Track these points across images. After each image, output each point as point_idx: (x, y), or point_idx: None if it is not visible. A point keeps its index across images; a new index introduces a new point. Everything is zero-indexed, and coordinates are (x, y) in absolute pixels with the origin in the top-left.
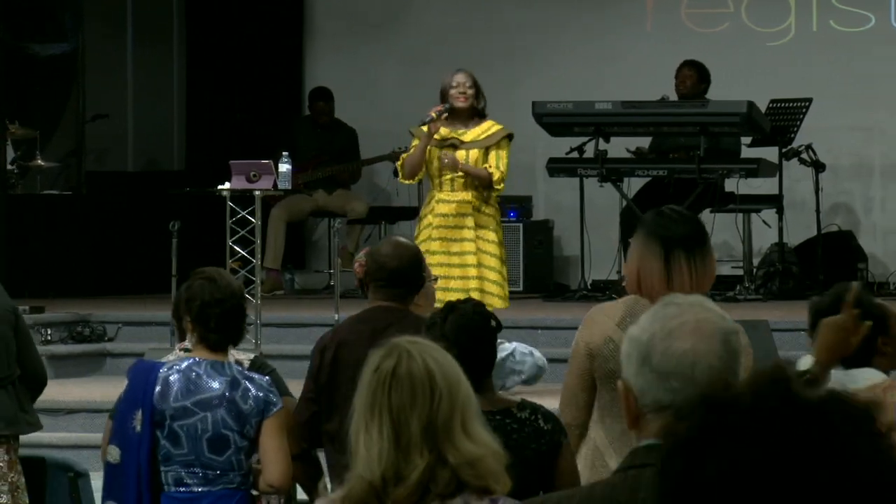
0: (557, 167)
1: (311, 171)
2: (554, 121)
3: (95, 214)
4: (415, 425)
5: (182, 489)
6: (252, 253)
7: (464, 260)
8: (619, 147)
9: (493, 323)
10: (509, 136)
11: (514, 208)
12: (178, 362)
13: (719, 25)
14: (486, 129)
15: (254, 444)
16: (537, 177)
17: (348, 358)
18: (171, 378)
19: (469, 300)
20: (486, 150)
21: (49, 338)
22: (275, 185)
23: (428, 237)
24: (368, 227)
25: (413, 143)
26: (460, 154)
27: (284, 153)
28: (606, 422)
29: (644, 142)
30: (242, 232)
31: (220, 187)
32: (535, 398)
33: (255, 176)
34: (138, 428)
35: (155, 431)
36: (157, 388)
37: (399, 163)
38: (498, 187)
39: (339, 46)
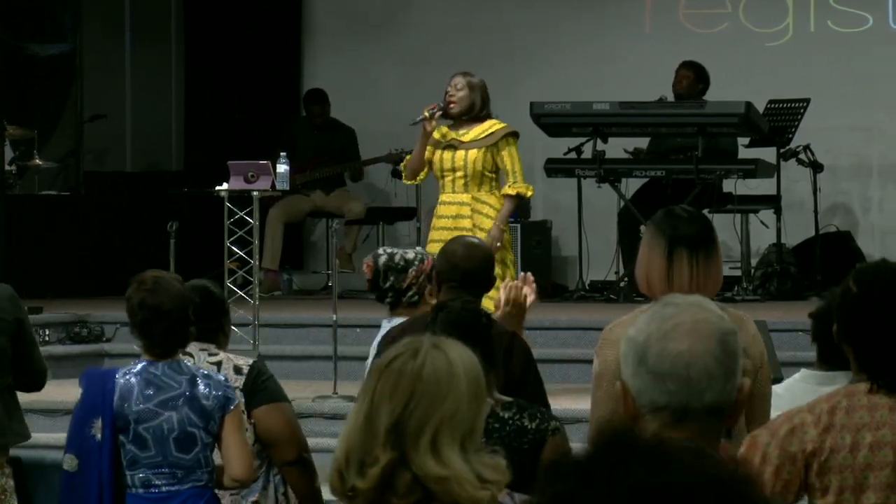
0: (555, 168)
1: (310, 171)
2: (552, 121)
3: (94, 215)
4: (383, 418)
5: (151, 490)
6: (250, 253)
7: None
8: (617, 148)
9: (485, 319)
10: (515, 135)
11: None
12: (131, 367)
13: (717, 26)
14: (488, 128)
15: (216, 441)
16: (535, 177)
17: None
18: (130, 382)
19: (459, 297)
20: (492, 149)
21: (47, 338)
22: (273, 186)
23: (430, 239)
24: (366, 227)
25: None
26: (459, 154)
27: (283, 154)
28: None
29: (642, 142)
30: (240, 232)
31: (218, 188)
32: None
33: (253, 176)
34: (98, 436)
35: (117, 437)
36: (117, 394)
37: (403, 164)
38: (529, 194)
39: (337, 46)
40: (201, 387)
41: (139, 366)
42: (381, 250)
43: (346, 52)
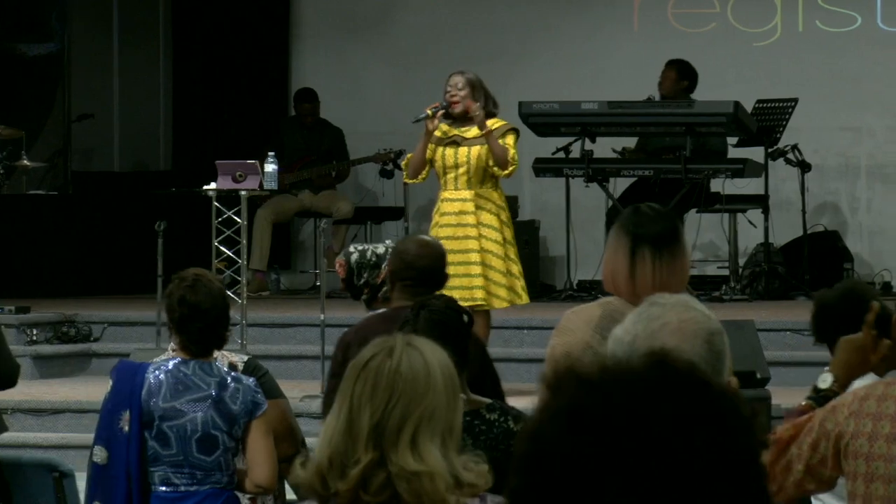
0: (543, 167)
1: (298, 171)
2: (540, 121)
3: (81, 215)
4: (365, 419)
5: (169, 489)
6: (238, 253)
7: (467, 258)
8: (606, 147)
9: (466, 318)
10: (515, 131)
11: None
12: (164, 363)
13: (706, 25)
14: (490, 125)
15: (238, 445)
16: (523, 177)
17: None
18: (159, 378)
19: (441, 296)
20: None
21: (34, 338)
22: (261, 186)
23: (436, 236)
24: (354, 227)
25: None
26: (462, 150)
27: (270, 153)
28: None
29: (630, 142)
30: (228, 232)
31: (206, 187)
32: (521, 399)
33: (241, 176)
34: (126, 428)
35: (143, 431)
36: (146, 389)
37: (404, 163)
38: (510, 168)
39: (326, 47)
40: (230, 391)
41: (171, 363)
42: (351, 248)
43: (334, 53)
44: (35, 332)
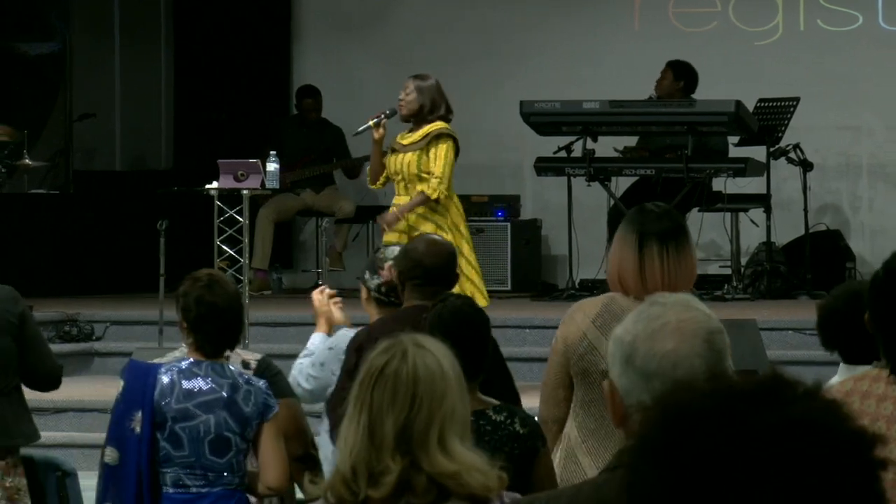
0: (545, 166)
1: (299, 170)
2: (541, 120)
3: (83, 214)
4: (388, 427)
5: (181, 490)
6: (240, 252)
7: None
8: (607, 146)
9: (485, 316)
10: (447, 136)
11: (501, 207)
12: (176, 364)
13: (707, 25)
14: (427, 130)
15: (250, 447)
16: (525, 176)
17: None
18: (172, 380)
19: (459, 295)
20: (424, 151)
21: None
22: (262, 185)
23: (385, 241)
24: (356, 226)
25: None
26: (398, 158)
27: (272, 152)
28: (580, 418)
29: (632, 141)
30: (230, 231)
31: (207, 186)
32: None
33: (242, 175)
34: (138, 429)
35: (155, 432)
36: (158, 390)
37: (369, 168)
38: (433, 196)
39: (325, 46)
40: (242, 392)
41: (184, 364)
42: (388, 251)
43: (333, 52)
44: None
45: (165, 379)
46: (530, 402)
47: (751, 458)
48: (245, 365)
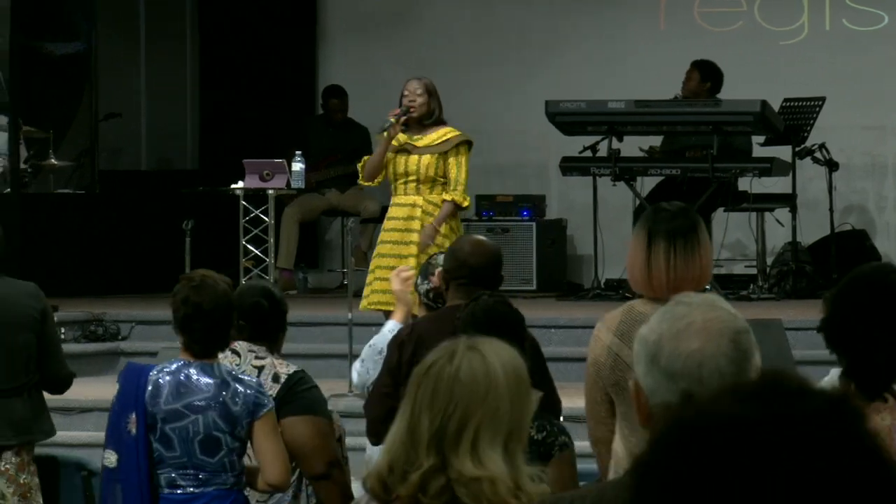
0: (570, 166)
1: (324, 169)
2: (567, 120)
3: (109, 213)
4: (425, 425)
5: (177, 491)
6: (265, 252)
7: (409, 263)
8: (633, 146)
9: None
10: (468, 143)
11: (527, 207)
12: (167, 364)
13: (732, 24)
14: (443, 134)
15: (245, 445)
16: (550, 176)
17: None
18: (162, 381)
19: (494, 293)
20: (444, 156)
21: (62, 337)
22: (288, 184)
23: (381, 240)
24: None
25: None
26: (413, 159)
27: (297, 152)
28: (623, 431)
29: (657, 141)
30: (256, 231)
31: (233, 186)
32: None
33: (268, 175)
34: (133, 430)
35: (148, 433)
36: (148, 391)
37: (360, 164)
38: (465, 204)
39: (350, 46)
40: (231, 391)
41: (174, 364)
42: (439, 259)
43: (358, 52)
44: (63, 331)
45: (156, 380)
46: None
47: (751, 456)
48: (275, 378)
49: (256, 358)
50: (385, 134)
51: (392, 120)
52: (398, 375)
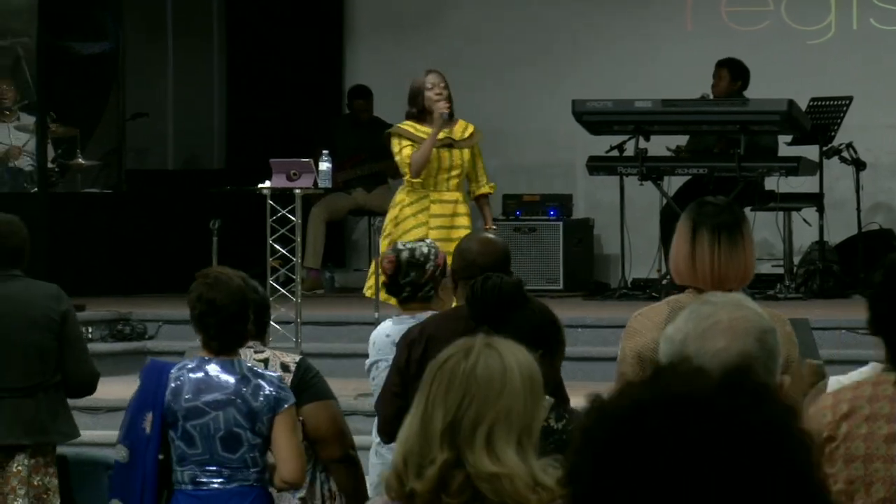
0: (597, 165)
1: (350, 169)
2: (594, 119)
3: (136, 213)
4: (438, 419)
5: (199, 488)
6: (292, 251)
7: None
8: (660, 145)
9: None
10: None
11: (553, 206)
12: (188, 362)
13: (759, 24)
14: (464, 127)
15: (268, 441)
16: (577, 175)
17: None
18: (183, 378)
19: (497, 275)
20: (472, 148)
21: (90, 336)
22: (315, 184)
23: (425, 235)
24: None
25: (402, 143)
26: (456, 153)
27: (325, 152)
28: None
29: (684, 140)
30: (282, 230)
31: (260, 186)
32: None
33: (295, 174)
34: (148, 429)
35: (167, 432)
36: (170, 389)
37: (406, 161)
38: (492, 192)
39: (377, 46)
40: (251, 387)
41: (194, 362)
42: (400, 244)
43: (385, 52)
44: (90, 330)
45: (177, 377)
46: (581, 401)
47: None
48: (284, 367)
49: (256, 352)
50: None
51: (445, 113)
52: (407, 374)
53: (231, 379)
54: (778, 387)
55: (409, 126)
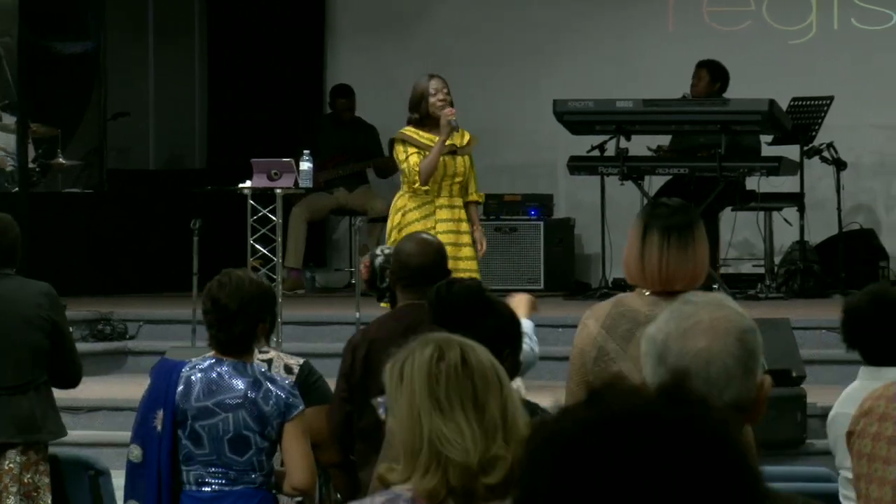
0: (578, 165)
1: (332, 168)
2: (575, 119)
3: (117, 212)
4: (493, 410)
5: (204, 489)
6: (273, 251)
7: (469, 265)
8: (640, 145)
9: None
10: None
11: (534, 206)
12: (200, 361)
13: (741, 24)
14: (463, 134)
15: (275, 445)
16: (558, 175)
17: (382, 356)
18: (194, 378)
19: (458, 279)
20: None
21: None
22: (296, 184)
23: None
24: None
25: (409, 150)
26: (459, 160)
27: (305, 151)
28: None
29: (666, 140)
30: (263, 230)
31: (241, 185)
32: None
33: (276, 174)
34: (159, 427)
35: (176, 431)
36: (180, 388)
37: (416, 168)
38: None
39: (359, 45)
40: (262, 391)
41: (206, 362)
42: (377, 250)
43: (368, 51)
44: (71, 330)
45: (188, 377)
46: (540, 399)
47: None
48: (287, 369)
49: (260, 352)
50: (450, 137)
51: (454, 120)
52: (352, 378)
53: (243, 381)
54: (759, 386)
55: (412, 132)
